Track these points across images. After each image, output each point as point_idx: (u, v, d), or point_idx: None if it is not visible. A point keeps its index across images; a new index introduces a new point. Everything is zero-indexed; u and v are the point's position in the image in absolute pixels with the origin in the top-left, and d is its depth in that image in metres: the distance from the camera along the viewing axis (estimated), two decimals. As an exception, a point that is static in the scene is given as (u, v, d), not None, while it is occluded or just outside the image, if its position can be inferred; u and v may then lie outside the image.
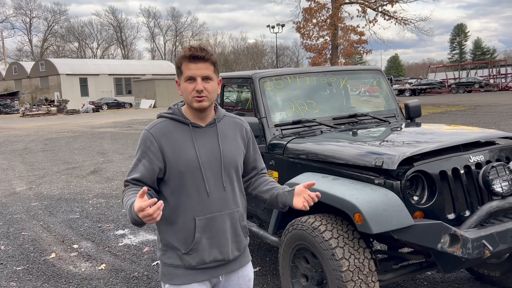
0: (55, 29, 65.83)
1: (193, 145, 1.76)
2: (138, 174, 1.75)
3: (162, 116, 1.85)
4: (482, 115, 16.64)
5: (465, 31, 79.59)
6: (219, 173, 1.79)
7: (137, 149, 1.79)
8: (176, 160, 1.74)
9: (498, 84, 37.83)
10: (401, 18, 26.95)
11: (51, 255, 4.47)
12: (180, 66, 1.75)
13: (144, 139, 1.78)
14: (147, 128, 1.80)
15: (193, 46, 1.73)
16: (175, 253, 1.78)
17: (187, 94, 1.75)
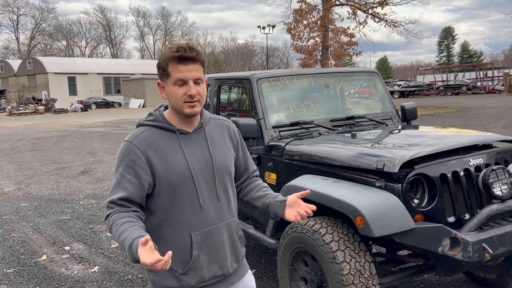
0: (42, 27, 65.08)
1: (183, 154, 1.60)
2: (124, 192, 1.55)
3: (143, 124, 1.65)
4: (470, 118, 16.82)
5: (452, 34, 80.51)
6: (212, 183, 1.65)
7: (118, 164, 1.58)
8: (166, 173, 1.57)
9: (485, 87, 38.33)
10: (391, 21, 27.17)
11: (42, 257, 4.39)
12: (166, 68, 1.56)
13: (126, 152, 1.57)
14: (128, 139, 1.60)
15: (181, 46, 1.55)
16: (171, 274, 1.61)
17: (176, 99, 1.58)
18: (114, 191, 1.57)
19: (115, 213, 1.54)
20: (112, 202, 1.56)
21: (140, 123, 1.67)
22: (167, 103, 1.70)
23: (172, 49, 1.56)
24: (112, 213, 1.54)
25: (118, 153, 1.61)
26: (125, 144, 1.61)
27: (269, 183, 3.26)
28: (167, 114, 1.66)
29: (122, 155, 1.59)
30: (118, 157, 1.60)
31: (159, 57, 1.61)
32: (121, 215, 1.53)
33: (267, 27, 38.17)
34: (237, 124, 3.12)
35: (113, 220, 1.52)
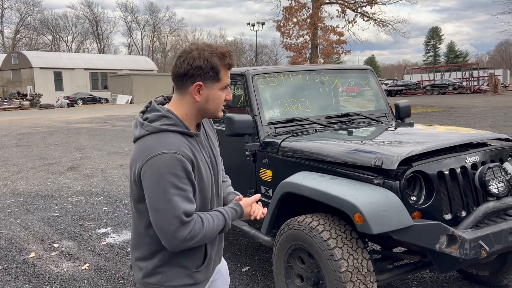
0: (28, 21, 63.98)
1: (204, 158, 1.60)
2: (195, 205, 1.52)
3: (168, 130, 1.52)
4: (456, 117, 17.03)
5: (439, 34, 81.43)
6: (217, 182, 1.69)
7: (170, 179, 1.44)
8: (200, 178, 1.56)
9: (470, 87, 38.86)
10: (379, 20, 27.35)
11: (31, 254, 4.31)
12: (219, 72, 1.54)
13: (179, 164, 1.46)
14: (170, 150, 1.46)
15: (230, 52, 1.56)
16: (184, 272, 1.62)
17: (218, 104, 1.59)
18: (184, 207, 1.47)
19: (197, 218, 1.52)
20: (189, 213, 1.49)
21: (163, 129, 1.52)
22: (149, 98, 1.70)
23: (225, 54, 1.54)
24: (195, 221, 1.51)
25: (165, 167, 1.45)
26: (171, 157, 1.46)
27: (265, 180, 3.24)
28: (181, 116, 1.57)
29: (173, 168, 1.45)
30: (166, 172, 1.45)
31: (208, 57, 1.52)
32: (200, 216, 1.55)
33: (256, 24, 38.11)
34: (232, 121, 3.09)
35: (202, 222, 1.53)
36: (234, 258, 4.05)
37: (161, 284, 1.62)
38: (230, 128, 3.09)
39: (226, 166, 3.83)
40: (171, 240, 1.48)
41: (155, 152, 1.46)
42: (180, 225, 1.46)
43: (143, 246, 1.63)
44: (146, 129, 1.53)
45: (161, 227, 1.48)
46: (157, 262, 1.61)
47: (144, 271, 1.63)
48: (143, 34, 73.42)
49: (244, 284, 3.51)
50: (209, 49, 1.53)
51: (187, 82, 1.54)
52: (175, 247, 1.51)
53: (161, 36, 72.70)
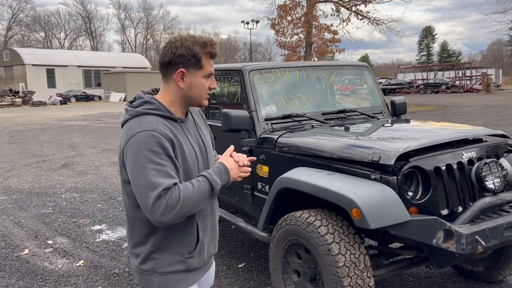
0: (20, 17, 63.33)
1: (189, 142, 1.66)
2: (174, 179, 1.52)
3: (149, 113, 1.59)
4: (450, 115, 17.13)
5: (432, 33, 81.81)
6: (207, 168, 1.74)
7: (147, 155, 1.49)
8: (183, 160, 1.61)
9: (463, 86, 39.12)
10: (373, 18, 27.43)
11: (24, 251, 4.27)
12: (201, 60, 1.61)
13: (155, 142, 1.51)
14: (147, 128, 1.53)
15: (212, 42, 1.64)
16: (176, 258, 1.65)
17: (202, 91, 1.65)
18: (160, 181, 1.48)
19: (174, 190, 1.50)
20: (166, 188, 1.49)
21: (143, 112, 1.60)
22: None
23: (209, 44, 1.62)
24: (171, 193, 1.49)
25: (142, 144, 1.51)
26: (148, 134, 1.52)
27: (262, 176, 3.23)
28: (166, 103, 1.64)
29: (150, 145, 1.50)
30: (143, 148, 1.50)
31: (190, 47, 1.59)
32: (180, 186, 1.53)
33: (251, 22, 38.06)
34: (229, 116, 3.08)
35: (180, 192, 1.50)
36: (230, 254, 4.05)
37: (154, 270, 1.65)
38: (227, 123, 3.08)
39: (222, 162, 3.82)
40: (151, 214, 1.50)
41: (134, 131, 1.54)
42: (156, 198, 1.48)
43: (135, 232, 1.68)
44: (129, 114, 1.62)
45: (142, 202, 1.52)
46: (150, 248, 1.65)
47: (139, 258, 1.67)
48: (137, 32, 73.08)
49: (240, 281, 3.50)
50: (191, 39, 1.62)
51: (171, 70, 1.62)
52: (157, 221, 1.51)
53: (155, 34, 72.37)
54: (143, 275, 1.68)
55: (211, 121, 3.89)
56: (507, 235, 2.42)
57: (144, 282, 1.69)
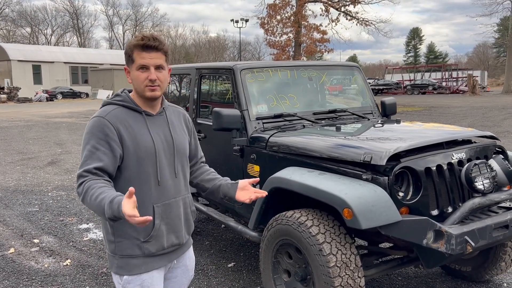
0: (5, 12, 62.18)
1: (149, 132, 1.77)
2: (100, 163, 1.66)
3: (111, 103, 1.80)
4: (436, 116, 17.31)
5: (420, 35, 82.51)
6: (172, 161, 1.83)
7: (89, 138, 1.70)
8: (135, 147, 1.73)
9: (450, 87, 39.58)
10: (362, 19, 27.58)
11: (10, 250, 4.19)
12: (132, 54, 1.74)
13: (99, 126, 1.70)
14: (99, 115, 1.73)
15: (145, 35, 1.73)
16: (132, 243, 1.76)
17: (139, 83, 1.76)
18: (88, 162, 1.66)
19: (90, 180, 1.64)
20: (87, 171, 1.65)
21: (108, 102, 1.81)
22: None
23: (138, 38, 1.74)
24: (86, 180, 1.64)
25: (89, 128, 1.71)
26: (97, 119, 1.72)
27: (252, 175, 3.22)
28: (132, 97, 1.82)
29: (95, 129, 1.69)
30: (89, 132, 1.71)
31: (126, 45, 1.77)
32: (97, 181, 1.63)
33: (240, 21, 37.99)
34: (220, 115, 3.06)
35: (88, 185, 1.62)
36: (219, 254, 4.03)
37: (115, 253, 1.79)
38: (218, 122, 3.07)
39: (213, 161, 3.81)
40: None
41: (92, 117, 1.75)
42: (78, 177, 1.67)
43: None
44: (101, 104, 1.83)
45: None
46: (110, 231, 1.78)
47: (106, 240, 1.82)
48: (125, 29, 72.32)
49: (229, 280, 3.49)
50: (135, 37, 1.76)
51: None
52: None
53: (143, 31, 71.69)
54: (109, 256, 1.84)
55: (202, 119, 3.86)
56: (496, 235, 2.45)
57: (109, 262, 1.84)
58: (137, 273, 1.78)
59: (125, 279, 1.79)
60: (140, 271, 1.78)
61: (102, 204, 1.53)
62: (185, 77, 4.35)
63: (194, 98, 3.96)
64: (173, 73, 4.67)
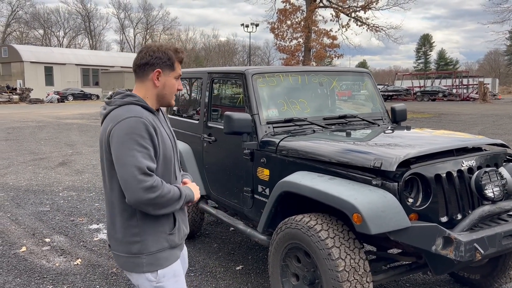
0: (19, 14, 63.14)
1: (165, 131, 1.87)
2: (153, 163, 1.74)
3: (135, 103, 1.80)
4: (446, 123, 17.21)
5: (430, 41, 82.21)
6: (176, 157, 1.95)
7: (135, 138, 1.68)
8: (164, 146, 1.81)
9: (460, 94, 39.34)
10: (372, 25, 27.56)
11: (22, 248, 4.26)
12: (174, 63, 1.85)
13: (142, 128, 1.71)
14: (136, 115, 1.73)
15: (183, 49, 1.90)
16: (159, 237, 1.82)
17: (172, 90, 1.88)
18: (146, 162, 1.68)
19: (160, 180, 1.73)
20: (151, 169, 1.70)
21: (128, 101, 1.79)
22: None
23: (181, 51, 1.87)
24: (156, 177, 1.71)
25: (131, 128, 1.69)
26: (137, 120, 1.71)
27: (262, 179, 3.25)
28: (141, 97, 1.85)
29: (138, 130, 1.69)
30: (131, 132, 1.68)
31: (165, 51, 1.83)
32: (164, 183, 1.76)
33: (250, 25, 38.15)
34: (231, 119, 3.10)
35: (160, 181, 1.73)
36: (228, 257, 4.06)
37: (142, 252, 1.80)
38: (229, 126, 3.11)
39: (223, 164, 3.85)
40: (134, 190, 1.66)
41: (123, 117, 1.72)
42: (144, 176, 1.66)
43: (118, 218, 1.80)
44: (114, 104, 1.80)
45: (127, 179, 1.67)
46: (133, 231, 1.79)
47: (124, 243, 1.80)
48: (136, 32, 73.01)
49: (237, 283, 3.51)
50: (165, 45, 1.87)
51: (148, 70, 1.83)
52: (138, 197, 1.66)
53: (154, 35, 72.26)
54: (130, 258, 1.81)
55: (212, 123, 3.91)
56: (505, 243, 2.45)
57: (132, 264, 1.81)
58: (167, 265, 1.85)
59: (160, 273, 1.83)
60: (169, 263, 1.85)
61: (177, 190, 1.77)
62: (196, 81, 4.41)
63: (205, 102, 4.01)
64: (185, 77, 4.72)
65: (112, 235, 1.85)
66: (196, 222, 4.34)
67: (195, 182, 3.95)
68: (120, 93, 1.85)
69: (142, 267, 1.80)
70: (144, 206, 1.71)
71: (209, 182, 4.02)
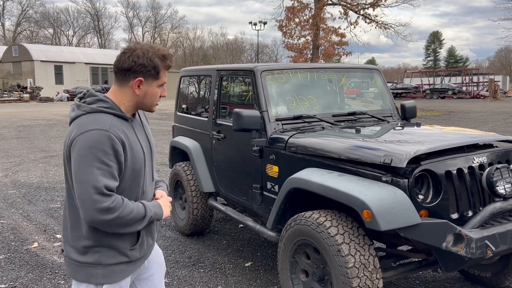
0: (29, 13, 63.75)
1: (139, 142, 1.73)
2: (117, 182, 1.61)
3: (103, 111, 1.64)
4: (456, 121, 17.08)
5: (440, 38, 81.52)
6: (151, 166, 1.84)
7: (97, 153, 1.54)
8: (132, 160, 1.67)
9: (470, 92, 38.96)
10: (381, 22, 27.39)
11: (33, 244, 4.31)
12: (159, 72, 1.70)
13: (107, 142, 1.57)
14: (101, 128, 1.58)
15: (171, 55, 1.73)
16: (119, 251, 1.71)
17: (154, 99, 1.74)
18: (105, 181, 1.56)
19: (117, 195, 1.61)
20: (110, 189, 1.58)
21: (98, 109, 1.64)
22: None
23: (166, 57, 1.70)
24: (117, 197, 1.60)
25: (93, 142, 1.55)
26: (102, 133, 1.57)
27: (271, 175, 3.25)
28: (118, 103, 1.70)
29: (102, 144, 1.56)
30: (94, 146, 1.55)
31: (150, 58, 1.66)
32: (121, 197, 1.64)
33: (258, 23, 38.09)
34: (240, 116, 3.11)
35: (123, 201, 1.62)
36: (237, 253, 4.07)
37: (99, 262, 1.69)
38: (238, 123, 3.11)
39: (232, 161, 3.86)
40: (89, 211, 1.55)
41: (87, 128, 1.58)
42: (101, 196, 1.55)
43: (78, 225, 1.69)
44: (83, 110, 1.65)
45: (83, 197, 1.56)
46: (94, 242, 1.68)
47: (81, 251, 1.69)
48: (144, 30, 73.30)
49: (247, 279, 3.52)
50: (152, 50, 1.68)
51: (129, 77, 1.68)
52: (92, 218, 1.57)
53: (162, 33, 72.58)
54: (84, 267, 1.69)
55: (221, 120, 3.92)
56: (517, 240, 2.43)
57: (85, 274, 1.69)
58: (118, 280, 1.73)
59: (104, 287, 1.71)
60: (122, 277, 1.74)
61: (141, 209, 1.67)
62: (205, 78, 4.42)
63: (214, 99, 4.02)
64: (193, 74, 4.74)
65: (67, 240, 1.73)
66: (205, 219, 4.36)
67: (204, 178, 4.08)
68: (92, 96, 1.70)
69: (96, 278, 1.69)
70: (100, 226, 1.60)
71: (218, 179, 4.03)
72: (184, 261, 3.89)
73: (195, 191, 4.25)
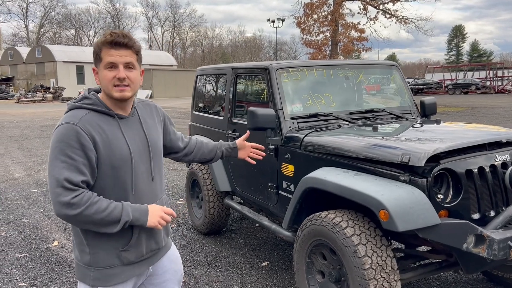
0: (51, 15, 65.14)
1: (123, 138, 1.66)
2: (83, 176, 1.55)
3: (82, 107, 1.64)
4: (479, 117, 16.67)
5: (463, 32, 79.74)
6: (149, 165, 1.75)
7: (62, 147, 1.53)
8: (109, 156, 1.61)
9: (494, 87, 37.99)
10: (402, 17, 26.95)
11: (54, 243, 4.38)
12: (100, 52, 1.62)
13: (73, 135, 1.55)
14: (70, 121, 1.57)
15: (114, 32, 1.63)
16: (111, 253, 1.67)
17: (106, 83, 1.63)
18: (68, 174, 1.52)
19: (86, 192, 1.55)
20: (74, 183, 1.52)
21: (77, 105, 1.65)
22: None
23: (106, 35, 1.62)
24: (82, 192, 1.54)
25: (60, 136, 1.55)
26: (68, 127, 1.56)
27: (286, 174, 3.22)
28: (102, 99, 1.69)
29: (67, 137, 1.54)
30: (59, 140, 1.55)
31: (94, 43, 1.66)
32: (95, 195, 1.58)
33: (276, 20, 37.97)
34: (255, 114, 3.07)
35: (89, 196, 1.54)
36: (253, 252, 4.05)
37: (91, 265, 1.68)
38: (253, 121, 3.08)
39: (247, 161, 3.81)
40: (53, 203, 1.54)
41: (60, 123, 1.60)
42: (62, 189, 1.51)
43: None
44: (68, 107, 1.68)
45: (49, 190, 1.55)
46: (84, 242, 1.67)
47: (77, 250, 1.71)
48: (164, 30, 73.97)
49: (263, 279, 3.50)
50: (103, 35, 1.65)
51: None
52: (57, 212, 1.54)
53: (181, 32, 73.09)
54: (81, 267, 1.71)
55: (237, 119, 3.89)
56: (542, 242, 2.33)
57: (81, 274, 1.71)
58: (114, 284, 1.69)
59: None
60: (117, 281, 1.69)
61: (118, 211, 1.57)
62: (221, 77, 4.40)
63: (230, 97, 4.00)
64: (209, 73, 4.73)
65: (73, 238, 1.76)
66: (222, 218, 4.35)
67: (221, 177, 4.07)
68: (84, 94, 1.71)
69: (89, 280, 1.68)
70: (68, 221, 1.56)
71: (234, 178, 4.01)
72: (201, 260, 3.89)
73: (212, 190, 4.25)
